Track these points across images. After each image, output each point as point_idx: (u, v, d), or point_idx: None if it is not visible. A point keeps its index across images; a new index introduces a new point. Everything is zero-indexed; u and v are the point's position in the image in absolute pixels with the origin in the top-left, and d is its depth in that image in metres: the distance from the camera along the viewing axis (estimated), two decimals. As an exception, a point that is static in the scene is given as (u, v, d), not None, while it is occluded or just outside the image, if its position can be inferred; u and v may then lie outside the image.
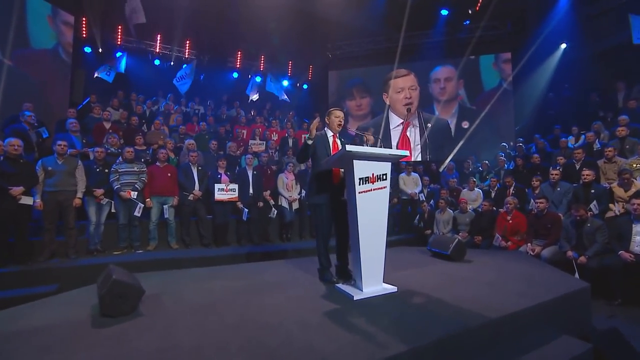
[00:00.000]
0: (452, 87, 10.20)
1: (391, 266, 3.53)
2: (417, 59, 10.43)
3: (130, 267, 3.95)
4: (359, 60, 11.16)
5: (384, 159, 2.64)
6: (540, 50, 9.13)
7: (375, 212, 2.57)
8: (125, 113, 6.85)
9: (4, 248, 3.65)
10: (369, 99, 11.04)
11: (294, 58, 12.36)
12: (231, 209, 5.54)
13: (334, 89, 11.47)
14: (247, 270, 3.42)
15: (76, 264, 3.96)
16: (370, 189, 2.55)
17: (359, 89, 11.14)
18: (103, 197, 4.50)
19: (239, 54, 11.77)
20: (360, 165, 2.52)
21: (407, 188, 6.91)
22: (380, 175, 2.60)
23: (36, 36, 6.66)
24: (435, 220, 6.28)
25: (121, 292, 2.01)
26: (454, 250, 3.78)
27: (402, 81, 10.55)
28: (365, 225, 2.52)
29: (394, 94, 10.57)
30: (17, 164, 3.77)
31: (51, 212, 4.03)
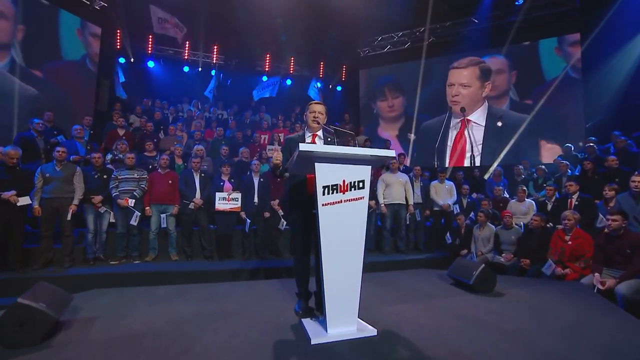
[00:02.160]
0: (503, 80, 9.04)
1: (390, 296, 2.99)
2: (457, 51, 9.48)
3: (123, 278, 3.95)
4: (390, 57, 10.52)
5: (360, 161, 2.13)
6: (620, 28, 7.65)
7: (346, 229, 2.07)
8: (143, 120, 7.08)
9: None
10: (401, 98, 10.31)
11: (325, 58, 12.11)
12: (235, 219, 5.32)
13: (364, 89, 10.94)
14: (217, 292, 3.15)
15: (65, 273, 3.98)
16: (339, 201, 2.06)
17: (391, 87, 10.48)
18: (101, 204, 4.53)
19: (268, 57, 11.82)
20: (325, 169, 2.05)
21: (439, 198, 6.13)
22: (355, 183, 2.10)
23: (67, 49, 7.22)
24: (473, 238, 5.43)
25: (23, 319, 1.79)
26: (477, 279, 3.08)
27: (457, 74, 9.60)
28: (331, 248, 2.04)
29: (447, 87, 9.72)
30: (13, 171, 3.93)
31: (48, 219, 4.15)
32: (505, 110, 8.99)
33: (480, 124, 9.15)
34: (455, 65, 9.62)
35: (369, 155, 2.12)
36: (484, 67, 9.32)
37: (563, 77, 8.54)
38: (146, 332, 2.14)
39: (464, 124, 9.21)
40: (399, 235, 6.02)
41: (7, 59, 6.26)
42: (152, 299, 3.03)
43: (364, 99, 10.92)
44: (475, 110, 9.24)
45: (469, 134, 9.07)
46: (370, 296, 3.00)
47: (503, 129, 8.88)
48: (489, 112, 9.07)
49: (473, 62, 9.43)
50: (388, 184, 5.94)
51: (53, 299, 2.06)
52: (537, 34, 8.79)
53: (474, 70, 9.42)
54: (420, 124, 9.93)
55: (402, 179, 5.99)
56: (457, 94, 9.36)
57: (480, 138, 9.09)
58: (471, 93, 9.34)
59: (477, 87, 9.31)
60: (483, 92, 9.22)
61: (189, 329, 2.18)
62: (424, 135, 9.82)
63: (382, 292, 3.09)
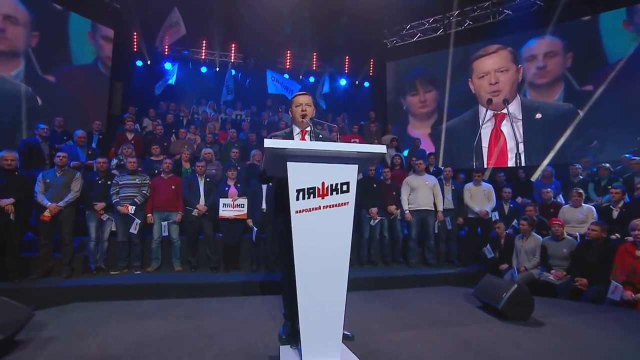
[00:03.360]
0: (556, 64, 8.24)
1: (398, 319, 2.71)
2: (498, 34, 8.84)
3: (113, 291, 3.96)
4: (421, 46, 10.05)
5: (344, 159, 1.89)
6: None
7: (326, 241, 1.85)
8: (155, 123, 7.28)
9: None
10: (434, 92, 9.79)
11: (351, 52, 11.90)
12: (243, 228, 5.23)
13: (392, 84, 10.56)
14: (204, 308, 3.06)
15: (58, 284, 4.07)
16: (316, 207, 1.84)
17: (423, 80, 10.00)
18: (103, 211, 4.63)
19: (289, 54, 11.83)
20: (298, 169, 1.84)
21: (475, 204, 5.65)
22: (337, 185, 1.87)
23: (77, 53, 7.63)
24: (515, 250, 4.92)
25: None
26: (509, 302, 2.69)
27: (488, 62, 9.00)
28: (307, 263, 1.82)
29: (476, 79, 9.14)
30: (11, 175, 4.11)
31: (47, 227, 4.27)
32: (541, 102, 8.23)
33: (518, 118, 8.44)
34: (481, 54, 9.00)
35: (355, 152, 1.88)
36: (512, 50, 8.66)
37: (632, 56, 7.62)
38: (101, 356, 2.04)
39: (500, 118, 8.55)
40: (427, 246, 5.63)
41: (22, 65, 6.72)
42: (129, 316, 3.03)
43: (391, 94, 10.56)
44: (512, 102, 8.56)
45: (510, 128, 8.40)
46: (374, 319, 2.75)
47: (545, 122, 8.11)
48: (523, 104, 8.36)
49: (501, 48, 8.80)
50: (413, 188, 5.59)
51: (4, 316, 2.03)
52: (598, 6, 7.93)
53: (505, 54, 8.76)
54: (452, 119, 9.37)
55: (430, 181, 5.61)
56: (497, 81, 8.71)
57: (520, 134, 8.39)
58: (510, 79, 8.67)
59: (513, 71, 8.62)
60: (519, 77, 8.53)
61: (148, 354, 2.06)
62: (457, 133, 9.26)
63: (390, 314, 2.82)
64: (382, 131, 8.96)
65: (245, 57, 11.42)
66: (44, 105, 6.90)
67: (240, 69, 11.52)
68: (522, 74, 8.52)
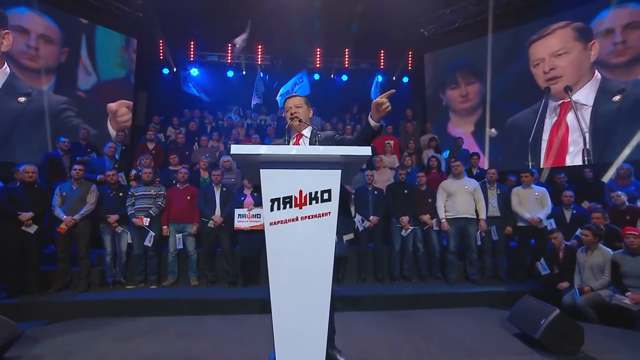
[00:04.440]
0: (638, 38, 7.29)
1: (411, 349, 2.52)
2: (559, 9, 8.12)
3: (128, 306, 4.15)
4: (463, 33, 9.55)
5: (324, 164, 1.79)
6: None
7: (304, 257, 1.76)
8: (178, 132, 7.61)
9: (16, 277, 4.28)
10: (478, 84, 9.25)
11: (386, 45, 11.67)
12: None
13: (430, 77, 10.16)
14: (201, 326, 3.16)
15: (72, 298, 4.35)
16: (293, 218, 1.76)
17: (464, 72, 9.50)
18: (118, 224, 4.89)
19: (318, 52, 11.88)
20: (272, 176, 1.77)
21: (525, 210, 5.20)
22: (316, 194, 1.77)
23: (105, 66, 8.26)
24: (577, 265, 4.44)
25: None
26: (548, 331, 2.39)
27: (542, 46, 8.33)
28: (282, 281, 1.74)
29: (532, 67, 8.53)
30: (31, 189, 4.49)
31: (63, 240, 4.60)
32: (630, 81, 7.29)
33: (588, 104, 7.62)
34: (535, 38, 8.30)
35: (337, 156, 1.77)
36: (578, 26, 7.85)
37: None
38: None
39: (564, 108, 7.81)
40: (468, 260, 5.28)
41: (53, 80, 7.40)
42: (122, 334, 3.21)
43: (430, 88, 10.15)
44: (583, 87, 7.75)
45: (575, 119, 7.64)
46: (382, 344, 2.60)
47: (623, 109, 7.22)
48: (602, 86, 7.49)
49: (560, 26, 8.04)
50: (450, 194, 5.30)
51: None
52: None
53: (565, 32, 7.98)
54: (503, 114, 8.75)
55: (470, 186, 5.27)
56: (552, 67, 8.01)
57: (587, 125, 7.58)
58: (574, 61, 7.88)
59: (580, 50, 7.82)
60: (591, 56, 7.69)
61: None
62: (510, 130, 8.64)
63: (403, 340, 2.65)
64: (420, 131, 8.64)
65: (273, 58, 11.62)
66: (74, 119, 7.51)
67: (268, 71, 11.75)
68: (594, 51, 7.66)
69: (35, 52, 7.15)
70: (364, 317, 3.97)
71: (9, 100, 6.73)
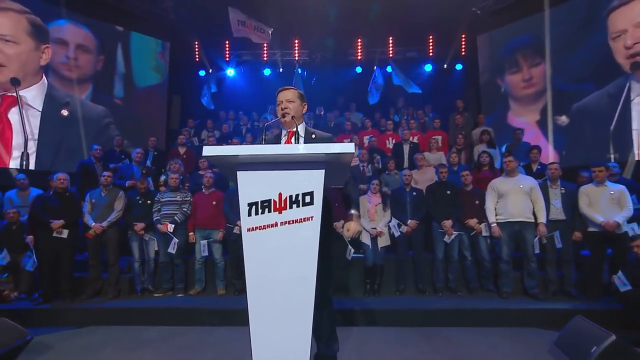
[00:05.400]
0: None
1: None
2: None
3: (154, 314, 4.41)
4: (524, 6, 8.88)
5: (307, 163, 1.75)
6: None
7: (284, 266, 1.75)
8: (210, 134, 7.95)
9: (51, 283, 4.72)
10: (543, 66, 8.52)
11: (434, 30, 11.26)
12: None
13: (485, 62, 9.60)
14: (208, 338, 3.28)
15: (98, 305, 4.73)
16: (272, 224, 1.74)
17: (527, 52, 8.81)
18: (144, 231, 5.20)
19: (359, 43, 11.77)
20: (249, 179, 1.77)
21: (596, 211, 4.70)
22: (297, 197, 1.74)
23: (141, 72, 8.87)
24: (663, 279, 3.92)
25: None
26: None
27: (623, 15, 7.51)
28: (261, 291, 1.75)
29: (611, 41, 7.75)
30: (63, 197, 4.93)
31: (94, 247, 4.99)
32: None
33: None
34: (616, 4, 7.45)
35: (322, 154, 1.72)
36: None
37: None
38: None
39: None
40: (526, 271, 4.89)
41: (90, 89, 8.11)
42: (128, 343, 3.46)
43: (485, 75, 9.60)
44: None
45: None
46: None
47: None
48: None
49: None
50: (502, 194, 4.96)
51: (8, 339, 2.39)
52: None
53: None
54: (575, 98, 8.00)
55: (525, 184, 4.89)
56: (636, 41, 7.16)
57: None
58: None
59: None
60: None
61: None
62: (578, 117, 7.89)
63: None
64: (473, 123, 8.21)
65: (311, 53, 11.71)
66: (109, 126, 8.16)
67: (306, 67, 11.86)
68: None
69: (74, 62, 7.89)
70: (384, 332, 3.94)
71: (49, 111, 7.48)
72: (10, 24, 7.24)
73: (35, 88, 7.36)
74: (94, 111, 8.10)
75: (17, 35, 7.28)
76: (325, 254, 2.37)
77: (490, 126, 7.88)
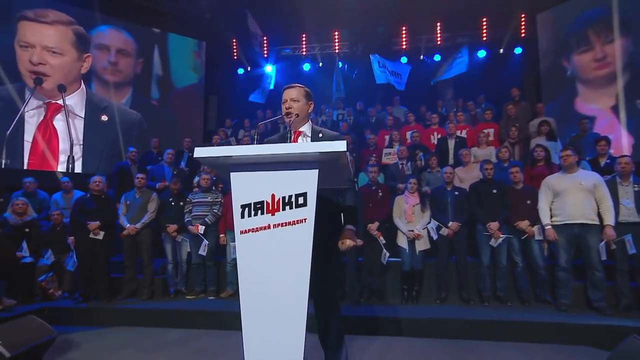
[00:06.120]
0: None
1: None
2: None
3: (183, 317, 4.66)
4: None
5: (300, 163, 1.76)
6: None
7: (277, 270, 1.78)
8: (246, 133, 8.19)
9: (89, 283, 5.12)
10: (620, 40, 7.79)
11: (489, 11, 10.75)
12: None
13: (547, 43, 8.99)
14: (225, 342, 3.29)
15: (136, 306, 5.06)
16: (265, 226, 1.77)
17: (600, 27, 8.09)
18: (176, 233, 5.46)
19: (404, 31, 11.54)
20: (243, 180, 1.81)
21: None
22: (290, 198, 1.75)
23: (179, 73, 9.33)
24: None
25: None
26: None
27: None
28: (254, 295, 1.78)
29: None
30: (99, 200, 5.32)
31: (129, 249, 5.34)
32: None
33: None
34: None
35: (316, 153, 1.71)
36: None
37: None
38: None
39: None
40: (590, 281, 4.52)
41: (130, 92, 8.68)
42: (148, 345, 3.72)
43: (547, 58, 9.00)
44: None
45: None
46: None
47: None
48: None
49: None
50: (558, 193, 4.63)
51: (20, 335, 2.63)
52: None
53: None
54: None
55: (587, 181, 4.53)
56: None
57: None
58: None
59: None
60: None
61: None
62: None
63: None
64: (531, 114, 7.74)
65: (352, 44, 11.66)
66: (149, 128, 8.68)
67: (347, 60, 11.82)
68: None
69: (115, 67, 8.49)
70: (412, 343, 3.89)
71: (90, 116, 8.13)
72: (58, 36, 8.00)
73: (76, 95, 8.09)
74: (130, 115, 8.65)
75: (63, 46, 8.03)
76: (331, 259, 2.38)
77: (551, 116, 7.39)
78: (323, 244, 2.31)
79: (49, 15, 7.97)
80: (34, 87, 7.57)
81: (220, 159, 1.81)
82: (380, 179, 5.90)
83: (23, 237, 5.45)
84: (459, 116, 7.81)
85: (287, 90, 2.48)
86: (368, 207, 5.38)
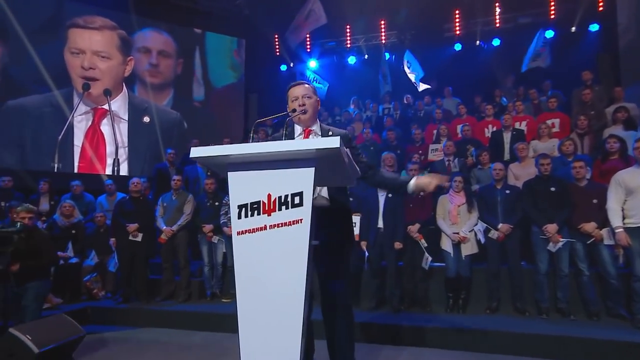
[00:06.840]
0: None
1: None
2: None
3: (212, 320, 4.81)
4: None
5: (296, 161, 1.76)
6: None
7: (274, 271, 1.81)
8: (285, 133, 8.32)
9: (128, 285, 5.46)
10: None
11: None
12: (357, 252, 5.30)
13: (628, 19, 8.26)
14: None
15: (172, 308, 5.31)
16: (261, 227, 1.80)
17: None
18: (212, 234, 5.66)
19: (457, 15, 11.14)
20: (239, 180, 1.84)
21: None
22: (286, 198, 1.76)
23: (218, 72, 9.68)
24: None
25: (12, 349, 2.55)
26: None
27: None
28: (250, 298, 1.89)
29: None
30: (137, 202, 5.65)
31: (166, 251, 5.61)
32: None
33: None
34: None
35: (313, 150, 1.70)
36: None
37: None
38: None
39: None
40: (674, 293, 4.10)
41: (171, 93, 9.14)
42: (171, 347, 3.96)
43: (627, 35, 8.27)
44: None
45: None
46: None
47: None
48: None
49: None
50: (632, 190, 4.23)
51: (50, 333, 2.84)
52: None
53: None
54: None
55: (666, 177, 4.10)
56: None
57: None
58: None
59: None
60: None
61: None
62: None
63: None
64: (607, 99, 7.15)
65: (400, 34, 11.45)
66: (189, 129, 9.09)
67: (395, 51, 11.63)
68: None
69: (156, 69, 9.00)
70: (443, 357, 3.85)
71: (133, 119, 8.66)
72: (105, 40, 8.65)
73: (119, 98, 8.71)
74: (169, 115, 9.11)
75: (110, 50, 8.69)
76: (340, 261, 2.37)
77: (632, 101, 6.79)
78: (333, 242, 2.33)
79: (96, 21, 8.64)
80: (82, 92, 8.20)
81: (217, 159, 1.84)
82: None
83: (69, 238, 5.92)
84: (517, 106, 7.39)
85: (295, 88, 2.50)
86: (408, 207, 5.25)
